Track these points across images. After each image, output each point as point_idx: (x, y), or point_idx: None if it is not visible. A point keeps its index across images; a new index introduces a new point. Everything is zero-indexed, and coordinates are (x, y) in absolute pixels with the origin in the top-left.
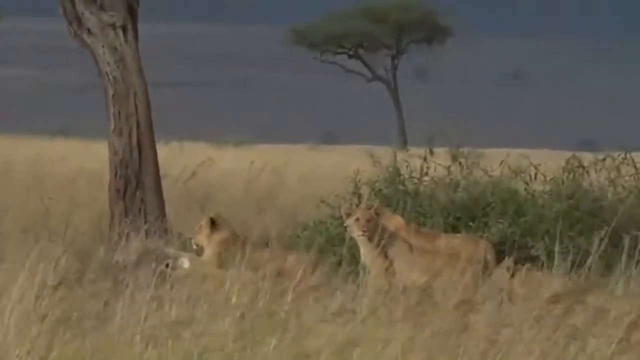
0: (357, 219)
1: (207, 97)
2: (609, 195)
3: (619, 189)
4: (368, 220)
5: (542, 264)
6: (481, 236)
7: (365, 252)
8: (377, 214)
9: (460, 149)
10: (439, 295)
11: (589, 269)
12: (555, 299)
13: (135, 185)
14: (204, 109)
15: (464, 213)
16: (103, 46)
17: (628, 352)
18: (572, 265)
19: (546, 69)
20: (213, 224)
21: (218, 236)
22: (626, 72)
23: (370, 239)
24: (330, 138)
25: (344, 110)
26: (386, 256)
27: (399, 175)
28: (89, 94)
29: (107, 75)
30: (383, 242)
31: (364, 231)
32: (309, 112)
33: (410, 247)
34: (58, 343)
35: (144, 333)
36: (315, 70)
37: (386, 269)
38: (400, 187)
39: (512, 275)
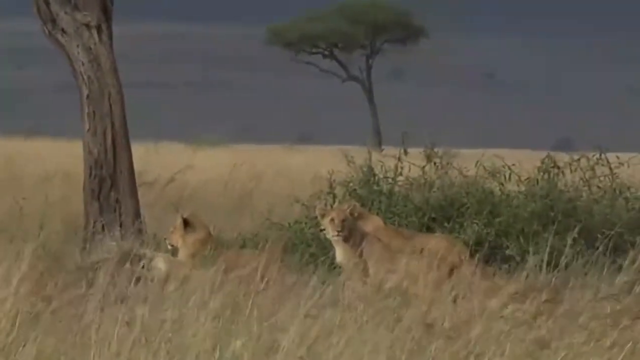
0: (332, 220)
1: (182, 98)
2: (584, 195)
3: (594, 189)
4: (343, 221)
5: (517, 264)
6: (457, 237)
7: (340, 252)
8: (351, 214)
9: (435, 149)
10: (411, 296)
11: (564, 268)
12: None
13: (110, 185)
14: (178, 109)
15: (439, 213)
16: (77, 46)
17: (595, 354)
18: (548, 265)
19: (522, 69)
20: (187, 224)
21: (192, 237)
22: (603, 72)
23: (345, 240)
24: (305, 138)
25: (319, 110)
26: (361, 256)
27: (374, 175)
28: (62, 94)
29: (82, 75)
30: (358, 242)
31: (338, 231)
32: (284, 112)
33: (385, 247)
34: (31, 342)
35: (118, 333)
36: (290, 70)
37: (361, 269)
38: (375, 187)
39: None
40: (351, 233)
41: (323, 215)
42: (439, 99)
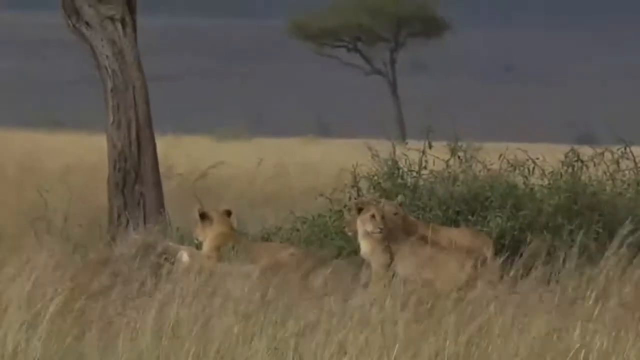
0: (373, 216)
1: (203, 90)
2: (608, 189)
3: (618, 182)
4: (383, 218)
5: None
6: (481, 230)
7: (366, 246)
8: (396, 213)
9: (459, 143)
10: (439, 291)
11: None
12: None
13: (134, 178)
14: (200, 101)
15: (463, 207)
16: (102, 39)
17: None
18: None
19: (544, 62)
20: (204, 217)
21: (213, 230)
22: (628, 65)
23: (385, 238)
24: (328, 131)
25: (342, 103)
26: (388, 250)
27: (398, 168)
28: (83, 86)
29: (106, 68)
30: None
31: (380, 229)
32: (307, 105)
33: (413, 241)
34: (59, 336)
35: (144, 327)
36: (313, 63)
37: (388, 265)
38: (399, 180)
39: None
40: (390, 231)
41: (358, 208)
42: (463, 92)
